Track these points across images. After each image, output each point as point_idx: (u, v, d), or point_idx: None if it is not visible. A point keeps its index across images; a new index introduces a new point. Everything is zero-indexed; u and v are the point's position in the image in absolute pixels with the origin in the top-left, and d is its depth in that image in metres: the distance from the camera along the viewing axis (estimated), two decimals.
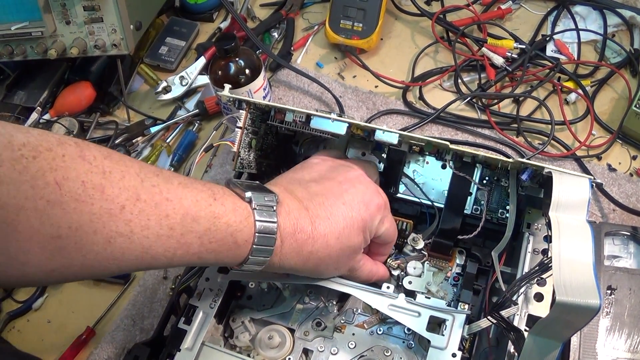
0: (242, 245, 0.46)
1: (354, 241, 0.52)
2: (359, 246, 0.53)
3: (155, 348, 0.57)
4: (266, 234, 0.47)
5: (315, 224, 0.50)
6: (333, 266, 0.53)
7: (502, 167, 0.59)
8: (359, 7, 0.87)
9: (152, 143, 0.86)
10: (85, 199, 0.39)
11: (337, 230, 0.50)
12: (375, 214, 0.53)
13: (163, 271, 0.74)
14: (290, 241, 0.49)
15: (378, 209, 0.53)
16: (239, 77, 0.74)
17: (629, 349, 0.57)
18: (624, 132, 0.78)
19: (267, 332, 0.59)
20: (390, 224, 0.56)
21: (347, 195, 0.52)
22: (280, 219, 0.48)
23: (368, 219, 0.52)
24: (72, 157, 0.39)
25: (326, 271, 0.54)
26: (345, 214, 0.51)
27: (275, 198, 0.49)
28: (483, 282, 0.60)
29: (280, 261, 0.49)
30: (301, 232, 0.49)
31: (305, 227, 0.49)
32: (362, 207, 0.52)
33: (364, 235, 0.53)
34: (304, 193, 0.52)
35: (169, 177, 0.44)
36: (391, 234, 0.57)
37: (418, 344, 0.57)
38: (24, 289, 0.77)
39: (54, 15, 0.78)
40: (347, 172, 0.55)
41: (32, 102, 0.88)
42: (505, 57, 0.84)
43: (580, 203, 0.47)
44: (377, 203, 0.53)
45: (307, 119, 0.58)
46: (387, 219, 0.55)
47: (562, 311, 0.40)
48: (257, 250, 0.47)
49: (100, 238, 0.40)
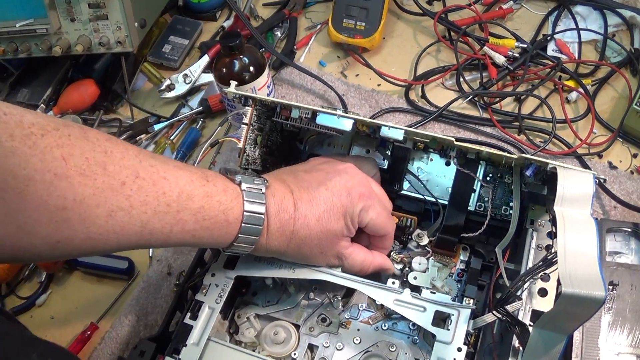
0: (233, 222, 0.49)
1: (334, 225, 0.53)
2: (340, 231, 0.54)
3: (161, 343, 0.57)
4: (254, 213, 0.50)
5: (297, 205, 0.52)
6: (317, 249, 0.54)
7: (505, 163, 0.59)
8: (362, 6, 0.87)
9: (156, 140, 0.87)
10: (89, 174, 0.42)
11: (317, 213, 0.52)
12: (356, 201, 0.54)
13: (167, 267, 0.74)
14: (275, 221, 0.51)
15: (360, 197, 0.54)
16: (244, 75, 0.75)
17: (631, 344, 0.57)
18: (624, 131, 0.79)
19: (272, 328, 0.59)
20: (377, 215, 0.55)
21: (330, 182, 0.54)
22: (267, 201, 0.51)
23: (348, 205, 0.53)
24: (76, 136, 0.43)
25: (311, 254, 0.54)
26: (327, 198, 0.53)
27: (265, 182, 0.52)
28: (487, 278, 0.60)
29: (267, 242, 0.52)
30: (284, 212, 0.52)
31: (288, 208, 0.52)
32: (344, 193, 0.53)
33: (344, 221, 0.53)
34: (292, 180, 0.55)
35: (165, 160, 0.48)
36: (379, 225, 0.56)
37: (423, 339, 0.57)
38: (28, 284, 0.77)
39: (59, 12, 0.79)
40: (336, 164, 0.57)
41: (35, 99, 0.88)
42: (507, 56, 0.85)
43: (585, 197, 0.47)
44: (360, 191, 0.54)
45: (312, 115, 0.59)
46: (373, 209, 0.55)
47: (568, 303, 0.41)
48: (245, 229, 0.50)
49: (103, 211, 0.42)
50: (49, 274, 0.77)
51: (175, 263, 0.74)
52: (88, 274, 0.77)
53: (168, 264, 0.75)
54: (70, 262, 0.76)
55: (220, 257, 0.60)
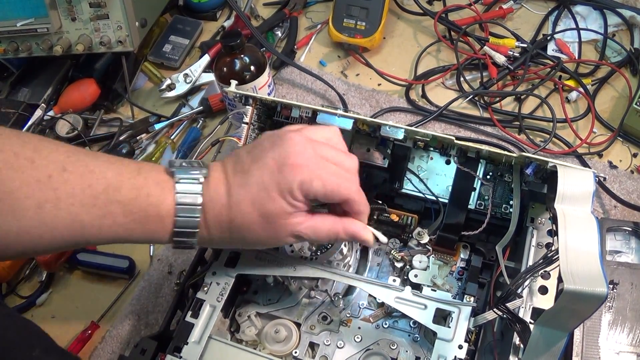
0: (166, 216, 0.48)
1: (271, 206, 0.48)
2: (280, 211, 0.48)
3: (162, 342, 0.57)
4: (187, 205, 0.48)
5: (231, 192, 0.49)
6: (264, 234, 0.50)
7: (506, 162, 0.59)
8: (362, 6, 0.88)
9: (156, 140, 0.87)
10: (17, 167, 0.44)
11: (250, 197, 0.48)
12: (290, 175, 0.48)
13: (168, 266, 0.74)
14: (211, 212, 0.49)
15: (295, 169, 0.48)
16: (244, 74, 0.75)
17: (631, 343, 0.58)
18: (624, 130, 0.79)
19: (274, 326, 0.59)
20: (323, 184, 0.48)
21: (263, 160, 0.49)
22: (204, 191, 0.48)
23: (283, 181, 0.48)
24: (8, 135, 0.46)
25: (259, 240, 0.51)
26: (258, 179, 0.48)
27: (204, 172, 0.49)
28: (487, 276, 0.60)
29: (209, 234, 0.50)
30: (217, 201, 0.49)
31: (221, 197, 0.49)
32: (275, 169, 0.48)
33: (284, 198, 0.48)
34: (231, 163, 0.51)
35: (96, 155, 0.49)
36: (330, 194, 0.49)
37: (423, 337, 0.57)
38: (28, 283, 0.77)
39: (60, 11, 0.79)
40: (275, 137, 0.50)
41: (36, 99, 0.88)
42: (507, 55, 0.85)
43: (585, 195, 0.47)
44: (294, 163, 0.48)
45: (313, 114, 0.59)
46: (317, 179, 0.48)
47: (570, 300, 0.41)
48: (180, 222, 0.48)
49: (32, 203, 0.44)
50: (50, 274, 0.76)
51: (176, 262, 0.75)
52: (89, 274, 0.77)
53: (169, 263, 0.75)
54: (71, 261, 0.76)
55: (222, 255, 0.60)
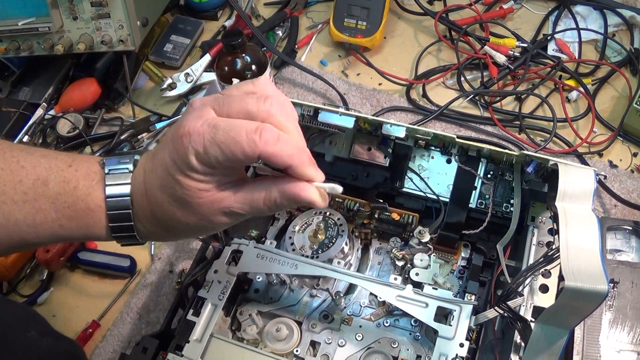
0: (96, 210, 0.45)
1: (176, 187, 0.42)
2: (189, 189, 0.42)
3: (163, 340, 0.57)
4: (116, 197, 0.44)
5: (145, 179, 0.45)
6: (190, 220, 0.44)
7: (507, 160, 0.60)
8: (363, 5, 0.88)
9: (157, 139, 0.87)
10: None
11: (159, 182, 0.43)
12: (182, 147, 0.41)
13: (169, 265, 0.74)
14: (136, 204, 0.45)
15: (182, 138, 0.40)
16: (245, 73, 0.75)
17: (632, 341, 0.58)
18: (624, 130, 0.79)
19: (275, 324, 0.59)
20: (221, 143, 0.39)
21: (168, 135, 0.43)
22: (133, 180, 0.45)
23: (177, 157, 0.41)
24: None
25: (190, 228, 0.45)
26: (161, 160, 0.43)
27: (133, 161, 0.45)
28: (488, 275, 0.60)
29: (144, 227, 0.46)
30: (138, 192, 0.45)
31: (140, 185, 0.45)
32: (170, 146, 0.42)
33: (186, 175, 0.41)
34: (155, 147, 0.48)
35: (32, 150, 0.47)
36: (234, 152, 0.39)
37: (425, 335, 0.57)
38: (29, 282, 0.77)
39: (61, 11, 0.79)
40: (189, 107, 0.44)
41: (37, 98, 0.88)
42: (508, 55, 0.85)
43: (586, 193, 0.48)
44: (182, 132, 0.41)
45: (315, 113, 0.59)
46: (212, 145, 0.39)
47: (571, 297, 0.41)
48: (113, 215, 0.45)
49: None
50: (50, 272, 0.76)
51: (177, 261, 0.75)
52: (89, 272, 0.77)
53: (170, 262, 0.75)
54: (71, 260, 0.76)
55: (223, 253, 0.60)
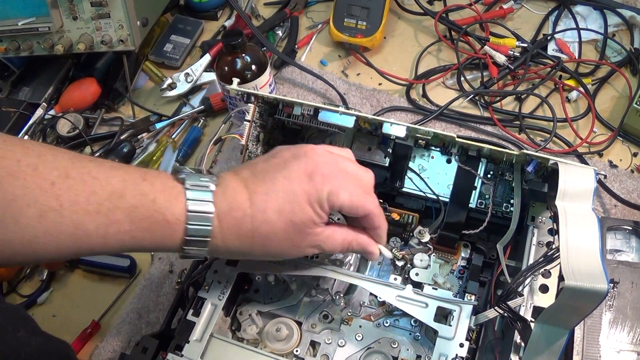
0: (174, 223, 0.46)
1: (300, 215, 0.48)
2: (309, 220, 0.48)
3: (163, 340, 0.57)
4: (199, 212, 0.46)
5: (253, 200, 0.48)
6: (287, 243, 0.49)
7: (507, 160, 0.60)
8: (363, 5, 0.88)
9: (157, 139, 0.87)
10: (19, 175, 0.43)
11: (277, 205, 0.48)
12: (320, 185, 0.48)
13: (169, 265, 0.74)
14: (228, 220, 0.47)
15: (325, 179, 0.48)
16: (245, 73, 0.75)
17: (632, 341, 0.58)
18: (624, 130, 0.79)
19: (275, 324, 0.59)
20: (349, 196, 0.49)
21: (288, 169, 0.49)
22: (216, 199, 0.47)
23: (312, 191, 0.48)
24: (12, 142, 0.45)
25: (281, 250, 0.50)
26: (285, 187, 0.48)
27: (214, 179, 0.48)
28: (488, 275, 0.60)
29: (224, 243, 0.48)
30: (237, 209, 0.47)
31: (242, 204, 0.48)
32: (304, 179, 0.48)
33: (312, 208, 0.48)
34: (247, 173, 0.50)
35: (101, 161, 0.47)
36: (355, 206, 0.50)
37: (424, 335, 0.57)
38: (29, 282, 0.77)
39: (61, 11, 0.79)
40: (297, 148, 0.52)
41: (37, 98, 0.89)
42: (508, 55, 0.85)
43: (586, 192, 0.47)
44: (323, 173, 0.49)
45: (315, 112, 0.59)
46: (344, 190, 0.49)
47: (571, 296, 0.41)
48: (192, 230, 0.46)
49: (34, 211, 0.43)
50: (51, 272, 0.77)
51: (177, 261, 0.75)
52: (90, 272, 0.77)
53: (170, 262, 0.75)
54: (71, 260, 0.76)
55: None
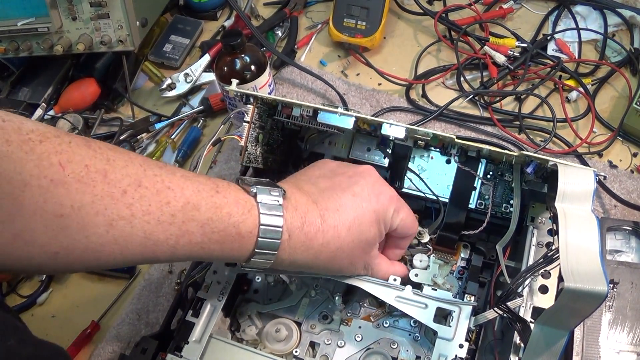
0: (246, 236, 0.46)
1: (366, 233, 0.51)
2: (373, 239, 0.52)
3: (162, 341, 0.57)
4: (271, 226, 0.47)
5: (325, 216, 0.49)
6: (347, 260, 0.52)
7: (506, 161, 0.60)
8: (363, 5, 0.88)
9: (157, 139, 0.87)
10: (88, 181, 0.40)
11: (348, 222, 0.50)
12: (387, 205, 0.52)
13: (168, 265, 0.74)
14: (299, 235, 0.48)
15: (390, 200, 0.53)
16: (245, 73, 0.75)
17: (632, 342, 0.58)
18: (624, 130, 0.79)
19: (274, 325, 0.59)
20: (406, 215, 0.54)
21: (356, 187, 0.51)
22: (286, 213, 0.48)
23: (380, 210, 0.52)
24: (78, 144, 0.41)
25: (340, 266, 0.52)
26: (356, 205, 0.50)
27: (282, 193, 0.49)
28: (488, 276, 0.60)
29: (290, 257, 0.49)
30: (310, 225, 0.48)
31: (314, 220, 0.49)
32: (373, 198, 0.51)
33: (377, 227, 0.52)
34: (312, 188, 0.52)
35: (172, 169, 0.46)
36: (408, 226, 0.55)
37: (424, 336, 0.57)
38: (29, 283, 0.77)
39: (60, 11, 0.79)
40: (356, 167, 0.55)
41: (36, 98, 0.88)
42: (507, 55, 0.85)
43: (586, 194, 0.47)
44: (389, 194, 0.53)
45: (314, 113, 0.59)
46: (403, 209, 0.54)
47: (570, 298, 0.41)
48: (262, 243, 0.47)
49: (102, 220, 0.41)
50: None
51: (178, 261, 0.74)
52: (89, 273, 0.77)
53: (169, 262, 0.75)
54: None
55: None
